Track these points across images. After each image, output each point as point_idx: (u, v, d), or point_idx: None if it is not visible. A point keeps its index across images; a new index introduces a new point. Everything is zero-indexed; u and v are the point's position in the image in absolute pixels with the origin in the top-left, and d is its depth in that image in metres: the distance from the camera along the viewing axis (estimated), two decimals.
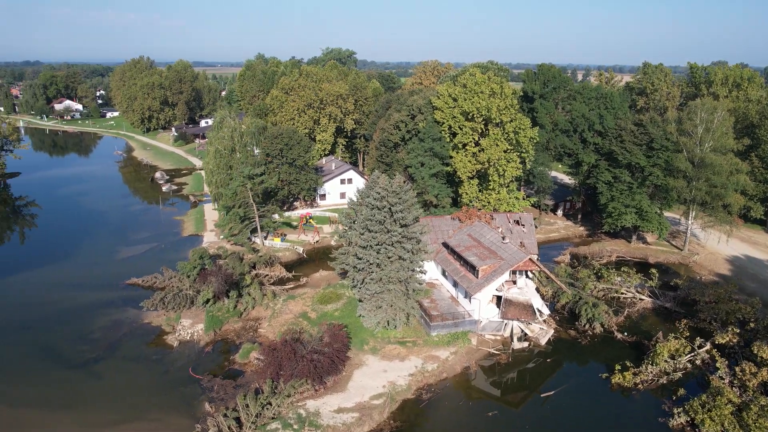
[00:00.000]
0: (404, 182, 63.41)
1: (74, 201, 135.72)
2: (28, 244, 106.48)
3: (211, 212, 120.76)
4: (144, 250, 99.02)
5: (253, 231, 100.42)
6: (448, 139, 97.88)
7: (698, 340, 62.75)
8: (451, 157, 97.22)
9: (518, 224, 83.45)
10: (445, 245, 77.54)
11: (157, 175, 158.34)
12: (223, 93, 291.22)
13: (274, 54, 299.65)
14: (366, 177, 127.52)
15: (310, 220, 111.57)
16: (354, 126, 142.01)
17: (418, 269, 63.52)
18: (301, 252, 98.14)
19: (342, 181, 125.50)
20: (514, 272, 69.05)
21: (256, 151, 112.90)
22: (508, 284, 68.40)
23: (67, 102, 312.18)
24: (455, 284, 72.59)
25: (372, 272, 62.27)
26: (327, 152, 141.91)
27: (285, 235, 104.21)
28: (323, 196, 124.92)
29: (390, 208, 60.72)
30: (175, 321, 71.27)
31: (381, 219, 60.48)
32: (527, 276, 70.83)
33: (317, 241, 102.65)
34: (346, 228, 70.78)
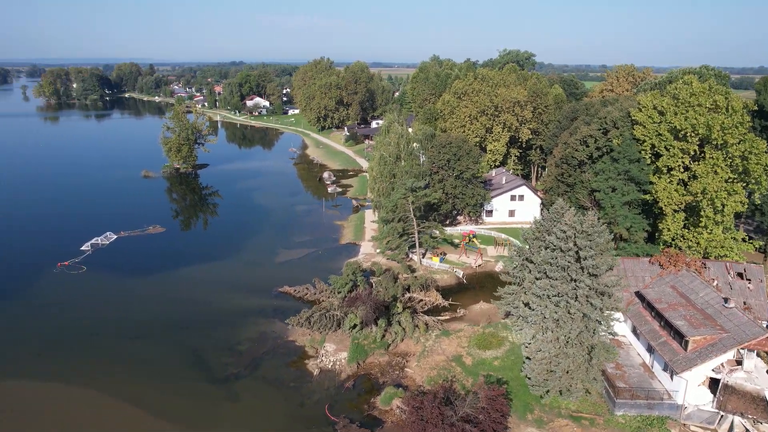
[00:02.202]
0: (598, 220, 50.23)
1: (247, 195, 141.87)
2: (200, 237, 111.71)
3: (371, 219, 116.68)
4: (301, 255, 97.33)
5: (411, 246, 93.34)
6: (648, 161, 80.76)
7: None
8: (651, 183, 79.97)
9: (741, 278, 64.62)
10: (640, 296, 62.13)
11: (325, 175, 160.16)
12: (396, 94, 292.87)
13: (449, 56, 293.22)
14: (539, 194, 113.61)
15: (474, 240, 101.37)
16: (530, 136, 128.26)
17: (607, 332, 50.03)
18: (460, 276, 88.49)
19: (512, 198, 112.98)
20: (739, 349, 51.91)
21: (422, 160, 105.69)
22: (730, 364, 51.56)
23: (257, 99, 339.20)
24: (650, 350, 57.21)
25: (547, 329, 50.29)
26: (497, 164, 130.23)
27: (445, 254, 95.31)
28: (490, 213, 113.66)
29: (577, 252, 48.20)
30: (319, 344, 66.22)
31: (564, 264, 48.25)
32: (758, 356, 53.06)
33: (479, 265, 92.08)
34: (517, 265, 59.40)
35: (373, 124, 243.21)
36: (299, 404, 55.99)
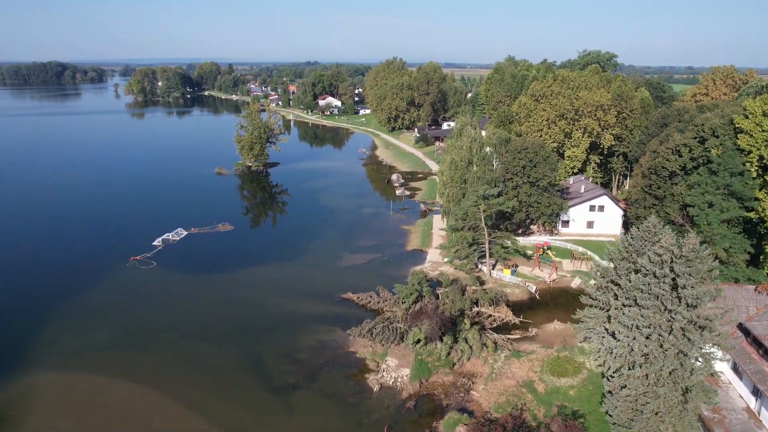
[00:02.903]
0: (700, 244, 44.03)
1: (315, 196, 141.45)
2: (266, 237, 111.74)
3: (439, 225, 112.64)
4: (366, 261, 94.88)
5: (481, 256, 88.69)
6: (754, 175, 72.12)
7: None
8: (756, 199, 71.33)
9: None
10: (743, 329, 54.83)
11: (393, 177, 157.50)
12: (469, 95, 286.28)
13: (524, 56, 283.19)
14: (621, 205, 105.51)
15: (548, 252, 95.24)
16: (612, 142, 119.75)
17: (707, 372, 43.73)
18: (533, 291, 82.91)
19: (591, 208, 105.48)
20: None
21: (495, 165, 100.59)
22: None
23: (329, 98, 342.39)
24: (756, 393, 50.10)
25: (634, 363, 44.67)
26: (575, 171, 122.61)
27: (516, 266, 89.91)
28: (566, 223, 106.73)
29: (674, 279, 42.33)
30: (381, 358, 63.21)
31: (658, 293, 42.50)
32: None
33: (554, 280, 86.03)
34: (601, 286, 53.78)
35: (444, 126, 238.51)
36: (357, 422, 53.16)
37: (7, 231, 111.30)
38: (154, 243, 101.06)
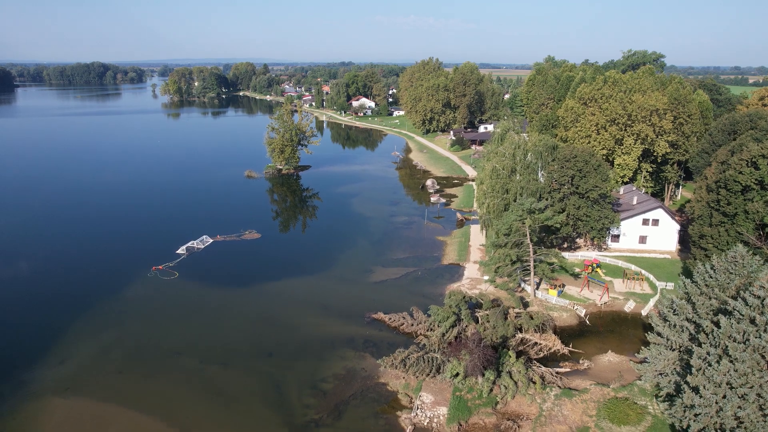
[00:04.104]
0: None
1: (346, 201, 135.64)
2: (294, 246, 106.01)
3: (477, 236, 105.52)
4: (399, 276, 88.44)
5: (523, 273, 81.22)
6: None
7: None
8: None
9: None
10: None
11: (428, 182, 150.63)
12: (506, 97, 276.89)
13: (562, 57, 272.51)
14: (677, 218, 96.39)
15: (597, 270, 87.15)
16: (667, 150, 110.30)
17: None
18: (582, 315, 75.11)
19: (645, 222, 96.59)
20: None
21: (540, 176, 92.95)
22: None
23: (363, 99, 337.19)
24: None
25: (724, 427, 37.01)
26: (626, 180, 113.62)
27: (563, 286, 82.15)
28: (616, 238, 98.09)
29: None
30: (415, 392, 56.73)
31: (758, 345, 34.85)
32: None
33: (606, 303, 78.00)
34: (674, 324, 46.06)
35: (481, 129, 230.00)
36: None
37: (34, 234, 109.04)
38: (178, 251, 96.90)
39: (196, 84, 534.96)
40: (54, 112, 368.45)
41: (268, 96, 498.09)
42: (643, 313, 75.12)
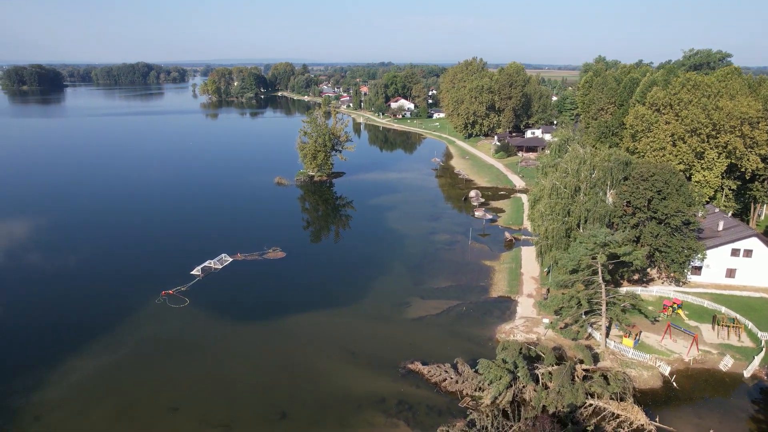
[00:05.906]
0: None
1: (381, 216, 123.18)
2: (321, 269, 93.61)
3: (529, 261, 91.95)
4: (440, 311, 75.79)
5: (588, 313, 67.41)
6: None
7: None
8: None
9: None
10: None
11: (472, 194, 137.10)
12: (554, 99, 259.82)
13: (612, 57, 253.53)
14: None
15: (679, 311, 72.63)
16: (759, 164, 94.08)
17: None
18: (666, 373, 60.86)
19: (734, 252, 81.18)
20: None
21: (608, 197, 78.90)
22: None
23: (402, 101, 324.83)
24: None
25: None
26: (705, 200, 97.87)
27: (640, 333, 67.90)
28: (697, 270, 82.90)
29: None
30: None
31: None
32: None
33: (695, 359, 63.43)
34: None
35: (528, 134, 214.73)
36: None
37: (44, 245, 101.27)
38: (193, 272, 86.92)
39: (235, 84, 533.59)
40: (95, 112, 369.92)
41: (306, 96, 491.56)
42: (746, 374, 60.45)
